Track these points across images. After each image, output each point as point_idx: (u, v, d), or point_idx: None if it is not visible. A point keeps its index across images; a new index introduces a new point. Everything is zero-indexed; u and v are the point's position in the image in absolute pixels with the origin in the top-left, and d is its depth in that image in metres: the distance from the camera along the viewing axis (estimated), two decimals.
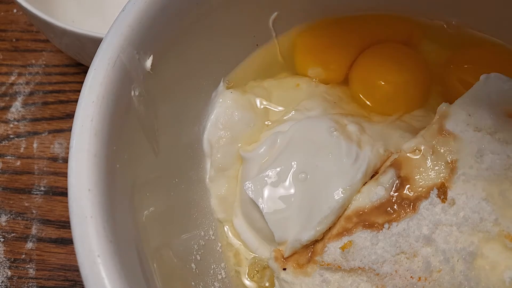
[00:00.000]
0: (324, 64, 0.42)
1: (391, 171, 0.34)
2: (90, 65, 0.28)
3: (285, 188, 0.35)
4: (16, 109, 0.56)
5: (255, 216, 0.37)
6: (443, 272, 0.29)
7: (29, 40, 0.61)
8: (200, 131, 0.40)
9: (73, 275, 0.46)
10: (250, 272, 0.38)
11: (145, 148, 0.32)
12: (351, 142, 0.35)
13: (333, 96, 0.42)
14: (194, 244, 0.36)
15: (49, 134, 0.54)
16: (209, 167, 0.40)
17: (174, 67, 0.34)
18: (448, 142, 0.32)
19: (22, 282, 0.46)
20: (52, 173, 0.52)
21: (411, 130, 0.38)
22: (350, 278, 0.32)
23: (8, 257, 0.47)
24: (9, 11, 0.63)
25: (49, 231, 0.49)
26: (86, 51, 0.48)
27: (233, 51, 0.40)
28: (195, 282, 0.34)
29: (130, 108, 0.30)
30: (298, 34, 0.44)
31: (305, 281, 0.33)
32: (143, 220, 0.30)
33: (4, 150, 0.53)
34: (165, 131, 0.34)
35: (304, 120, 0.38)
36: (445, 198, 0.31)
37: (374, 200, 0.33)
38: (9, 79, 0.58)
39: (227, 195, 0.39)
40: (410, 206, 0.32)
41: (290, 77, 0.44)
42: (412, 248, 0.30)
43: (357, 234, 0.32)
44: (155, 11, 0.31)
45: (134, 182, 0.30)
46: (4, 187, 0.51)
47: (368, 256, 0.31)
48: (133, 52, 0.30)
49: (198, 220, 0.38)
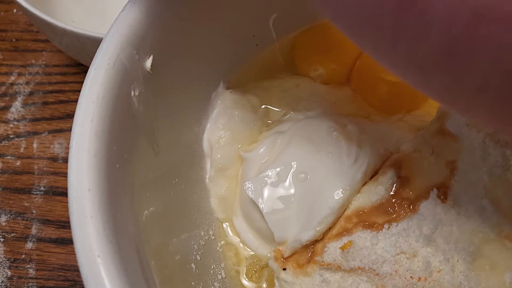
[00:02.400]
0: (325, 64, 0.42)
1: (391, 171, 0.34)
2: (90, 65, 0.28)
3: (285, 188, 0.35)
4: (16, 109, 0.56)
5: (255, 216, 0.37)
6: (443, 272, 0.29)
7: (29, 40, 0.61)
8: (200, 131, 0.40)
9: (73, 275, 0.46)
10: (248, 272, 0.38)
11: (145, 148, 0.32)
12: (351, 142, 0.35)
13: (333, 96, 0.42)
14: (194, 244, 0.36)
15: (49, 134, 0.54)
16: (209, 167, 0.40)
17: (174, 67, 0.34)
18: (448, 142, 0.32)
19: (22, 282, 0.46)
20: (52, 173, 0.52)
21: (411, 130, 0.38)
22: (350, 278, 0.32)
23: (8, 257, 0.47)
24: (9, 11, 0.63)
25: (49, 231, 0.49)
26: (86, 51, 0.48)
27: (233, 51, 0.40)
28: (195, 282, 0.34)
29: (130, 108, 0.30)
30: (299, 34, 0.44)
31: (305, 281, 0.33)
32: (143, 220, 0.30)
33: (4, 150, 0.53)
34: (165, 131, 0.34)
35: (304, 120, 0.38)
36: (445, 198, 0.31)
37: (374, 200, 0.33)
38: (9, 79, 0.58)
39: (227, 195, 0.39)
40: (410, 206, 0.32)
41: (290, 77, 0.44)
42: (412, 248, 0.31)
43: (357, 234, 0.32)
44: (156, 11, 0.31)
45: (134, 182, 0.30)
46: (4, 187, 0.51)
47: (368, 256, 0.31)
48: (133, 52, 0.30)
49: (198, 220, 0.38)
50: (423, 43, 0.17)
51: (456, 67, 0.17)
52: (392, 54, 0.19)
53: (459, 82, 0.18)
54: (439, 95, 0.20)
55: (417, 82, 0.20)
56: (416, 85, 0.20)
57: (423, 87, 0.20)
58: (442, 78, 0.18)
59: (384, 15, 0.18)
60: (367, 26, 0.19)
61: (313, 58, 0.43)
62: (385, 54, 0.20)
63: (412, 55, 0.18)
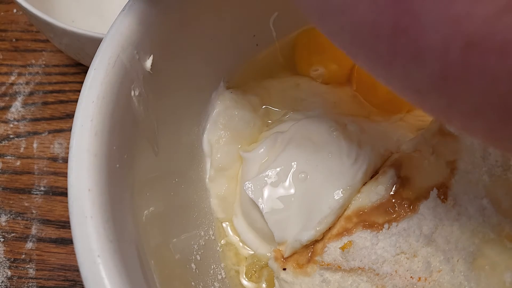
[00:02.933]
0: (325, 64, 0.42)
1: (391, 171, 0.34)
2: (90, 65, 0.28)
3: (285, 188, 0.35)
4: (16, 109, 0.56)
5: (255, 216, 0.37)
6: (443, 272, 0.29)
7: (29, 40, 0.61)
8: (200, 131, 0.40)
9: (73, 275, 0.46)
10: (247, 272, 0.38)
11: (145, 148, 0.32)
12: (351, 142, 0.35)
13: (333, 96, 0.42)
14: (194, 244, 0.36)
15: (49, 134, 0.54)
16: (209, 167, 0.40)
17: (174, 67, 0.34)
18: (448, 142, 0.32)
19: (22, 282, 0.46)
20: (52, 173, 0.52)
21: (411, 130, 0.38)
22: (350, 278, 0.32)
23: (8, 257, 0.47)
24: (9, 11, 0.63)
25: (49, 231, 0.49)
26: (86, 51, 0.48)
27: (233, 51, 0.40)
28: (195, 282, 0.34)
29: (130, 108, 0.30)
30: (299, 34, 0.44)
31: (305, 281, 0.33)
32: (143, 220, 0.30)
33: (4, 150, 0.53)
34: (165, 131, 0.34)
35: (304, 120, 0.38)
36: (445, 198, 0.31)
37: (374, 200, 0.33)
38: (9, 79, 0.58)
39: (227, 195, 0.39)
40: (410, 206, 0.32)
41: (290, 77, 0.44)
42: (412, 248, 0.30)
43: (357, 234, 0.32)
44: (156, 11, 0.31)
45: (134, 182, 0.30)
46: (4, 187, 0.51)
47: (368, 256, 0.31)
48: (133, 52, 0.30)
49: (198, 220, 0.38)
50: (417, 67, 0.18)
51: (451, 92, 0.18)
52: (388, 75, 0.20)
53: (454, 105, 0.18)
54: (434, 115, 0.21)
55: (412, 101, 0.21)
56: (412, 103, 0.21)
57: (418, 106, 0.20)
58: (437, 101, 0.19)
59: (379, 39, 0.18)
60: (363, 46, 0.19)
61: (313, 58, 0.43)
62: (381, 74, 0.20)
63: (407, 78, 0.19)
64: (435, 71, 0.17)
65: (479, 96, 0.17)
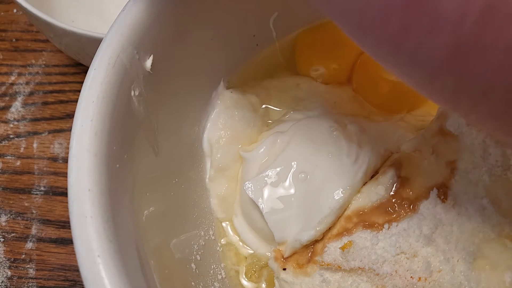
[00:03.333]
0: (325, 64, 0.42)
1: (391, 171, 0.34)
2: (90, 65, 0.28)
3: (285, 188, 0.35)
4: (16, 109, 0.56)
5: (255, 216, 0.37)
6: (443, 272, 0.29)
7: (29, 40, 0.61)
8: (200, 131, 0.40)
9: (73, 275, 0.46)
10: (247, 271, 0.38)
11: (145, 148, 0.32)
12: (351, 142, 0.35)
13: (333, 96, 0.42)
14: (194, 244, 0.36)
15: (49, 134, 0.54)
16: (209, 167, 0.40)
17: (174, 67, 0.34)
18: (449, 142, 0.32)
19: (22, 282, 0.46)
20: (52, 173, 0.52)
21: (411, 130, 0.38)
22: (350, 278, 0.32)
23: (8, 257, 0.47)
24: (9, 11, 0.63)
25: (49, 231, 0.49)
26: (86, 51, 0.48)
27: (233, 51, 0.40)
28: (195, 282, 0.34)
29: (130, 108, 0.30)
30: (299, 34, 0.43)
31: (305, 281, 0.33)
32: (143, 220, 0.30)
33: (4, 150, 0.53)
34: (165, 131, 0.34)
35: (304, 120, 0.38)
36: (445, 198, 0.31)
37: (374, 200, 0.33)
38: (9, 79, 0.58)
39: (227, 195, 0.39)
40: (410, 206, 0.32)
41: (290, 77, 0.44)
42: (412, 248, 0.30)
43: (357, 234, 0.32)
44: (155, 11, 0.31)
45: (134, 182, 0.30)
46: (4, 187, 0.51)
47: (368, 256, 0.31)
48: (133, 52, 0.30)
49: (198, 220, 0.38)
50: (430, 41, 0.17)
51: (462, 68, 0.17)
52: (396, 54, 0.19)
53: (464, 84, 0.18)
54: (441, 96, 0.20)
55: (419, 83, 0.20)
56: (418, 86, 0.20)
57: (425, 88, 0.20)
58: (447, 79, 0.18)
59: (390, 13, 0.17)
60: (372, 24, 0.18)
61: (313, 58, 0.43)
62: (389, 53, 0.19)
63: (418, 55, 0.18)
64: (448, 43, 0.17)
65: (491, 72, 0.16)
